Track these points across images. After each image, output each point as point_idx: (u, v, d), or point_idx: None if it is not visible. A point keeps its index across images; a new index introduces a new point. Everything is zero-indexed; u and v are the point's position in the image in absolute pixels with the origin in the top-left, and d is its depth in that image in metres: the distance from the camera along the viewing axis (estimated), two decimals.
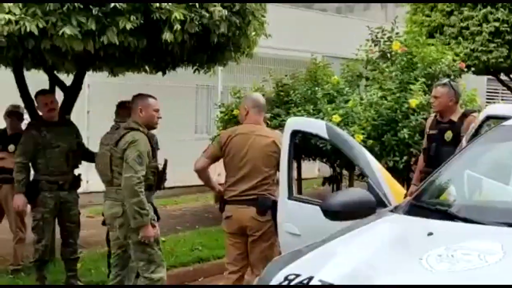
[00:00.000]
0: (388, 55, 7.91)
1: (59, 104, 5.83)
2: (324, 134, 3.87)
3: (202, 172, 4.64)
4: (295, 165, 7.28)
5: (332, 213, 3.15)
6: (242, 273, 4.68)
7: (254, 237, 4.47)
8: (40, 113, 5.71)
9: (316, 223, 3.41)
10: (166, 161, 4.87)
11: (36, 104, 5.76)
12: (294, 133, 4.05)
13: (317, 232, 3.09)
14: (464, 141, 4.06)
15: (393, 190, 3.53)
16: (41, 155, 5.43)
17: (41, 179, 5.45)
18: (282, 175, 3.98)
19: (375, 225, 2.85)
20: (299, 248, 2.88)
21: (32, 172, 5.56)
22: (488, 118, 4.32)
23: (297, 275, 2.48)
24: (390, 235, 2.70)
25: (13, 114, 6.23)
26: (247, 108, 4.72)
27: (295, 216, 3.86)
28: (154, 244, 4.59)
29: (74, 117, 6.26)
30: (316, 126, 4.04)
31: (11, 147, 5.98)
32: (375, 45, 8.08)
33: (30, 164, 5.49)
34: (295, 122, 4.19)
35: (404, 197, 3.39)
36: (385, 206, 3.33)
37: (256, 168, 4.46)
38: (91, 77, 8.88)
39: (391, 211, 3.03)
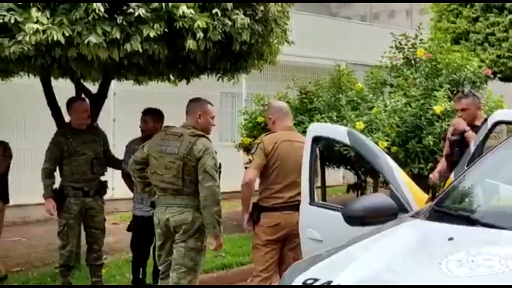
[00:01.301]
0: (412, 61, 7.88)
1: None
2: (346, 140, 3.87)
3: (251, 184, 4.67)
4: (318, 171, 7.27)
5: (353, 219, 3.14)
6: (272, 279, 4.72)
7: (295, 243, 4.50)
8: (70, 120, 5.78)
9: (338, 229, 3.40)
10: (220, 165, 4.65)
11: (68, 111, 5.84)
12: (316, 139, 4.05)
13: (339, 238, 3.08)
14: (472, 146, 4.03)
15: (415, 196, 3.51)
16: (67, 162, 5.51)
17: (67, 186, 5.53)
18: (304, 181, 3.98)
19: (396, 230, 2.84)
20: (318, 253, 2.88)
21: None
22: (498, 123, 4.29)
23: (316, 280, 2.48)
24: (410, 240, 2.68)
25: None
26: (272, 118, 4.89)
27: (317, 222, 3.86)
28: (203, 254, 4.66)
29: (100, 125, 6.35)
30: (337, 132, 4.03)
31: None
32: (399, 51, 8.06)
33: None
34: (316, 128, 4.19)
35: (426, 202, 3.37)
36: (407, 212, 3.31)
37: (300, 174, 4.49)
38: (117, 86, 9.00)
39: (412, 216, 3.02)
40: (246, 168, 4.78)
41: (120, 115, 10.00)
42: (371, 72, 8.38)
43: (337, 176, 12.02)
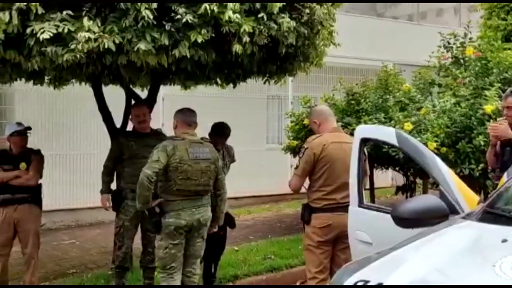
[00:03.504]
0: (461, 61, 7.74)
1: None
2: (394, 141, 3.84)
3: (297, 192, 4.89)
4: (367, 173, 7.21)
5: (403, 221, 3.12)
6: (327, 281, 4.73)
7: (345, 244, 4.44)
8: (132, 125, 5.94)
9: (388, 231, 3.39)
10: None
11: (130, 117, 6.02)
12: (364, 141, 4.04)
13: (389, 240, 3.08)
14: None
15: (466, 196, 3.45)
16: (127, 164, 5.63)
17: (125, 188, 5.65)
18: (352, 183, 3.97)
19: (447, 232, 2.80)
20: (369, 255, 2.87)
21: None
22: None
23: (366, 281, 2.48)
24: (462, 241, 2.65)
25: (20, 132, 5.77)
26: (317, 122, 4.94)
27: (366, 224, 3.84)
28: None
29: None
30: (385, 133, 4.00)
31: (22, 165, 5.67)
32: (448, 51, 7.93)
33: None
34: (364, 130, 4.17)
35: (477, 204, 3.31)
36: (457, 213, 3.27)
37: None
38: (165, 90, 9.15)
39: (464, 218, 2.98)
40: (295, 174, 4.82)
41: (169, 119, 10.13)
42: (419, 72, 8.28)
43: (386, 178, 11.89)
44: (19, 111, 9.32)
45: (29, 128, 5.87)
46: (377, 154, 6.91)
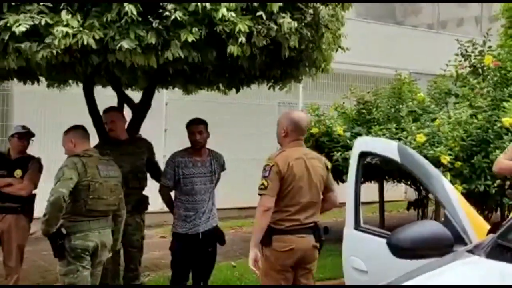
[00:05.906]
0: (480, 70, 7.32)
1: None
2: (396, 157, 3.38)
3: (270, 213, 4.09)
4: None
5: (401, 250, 2.70)
6: None
7: (307, 269, 4.06)
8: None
9: (386, 259, 2.96)
10: None
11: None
12: (363, 155, 3.61)
13: (387, 270, 2.70)
14: None
15: (474, 223, 3.01)
16: None
17: None
18: (349, 202, 3.55)
19: (448, 270, 2.34)
20: None
21: None
22: None
23: None
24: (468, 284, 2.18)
25: (23, 136, 5.53)
26: (285, 130, 4.28)
27: (362, 250, 3.41)
28: None
29: (152, 135, 6.09)
30: (387, 147, 3.54)
31: (17, 173, 5.35)
32: (465, 59, 7.51)
33: None
34: (363, 143, 3.73)
35: (487, 233, 2.85)
36: (463, 242, 2.84)
37: (317, 194, 4.08)
38: (169, 95, 8.81)
39: (470, 251, 2.51)
40: (260, 194, 4.11)
41: (172, 125, 9.79)
42: (434, 82, 7.87)
43: (399, 191, 11.45)
44: (18, 112, 9.04)
45: (31, 134, 5.54)
46: (387, 167, 6.50)
